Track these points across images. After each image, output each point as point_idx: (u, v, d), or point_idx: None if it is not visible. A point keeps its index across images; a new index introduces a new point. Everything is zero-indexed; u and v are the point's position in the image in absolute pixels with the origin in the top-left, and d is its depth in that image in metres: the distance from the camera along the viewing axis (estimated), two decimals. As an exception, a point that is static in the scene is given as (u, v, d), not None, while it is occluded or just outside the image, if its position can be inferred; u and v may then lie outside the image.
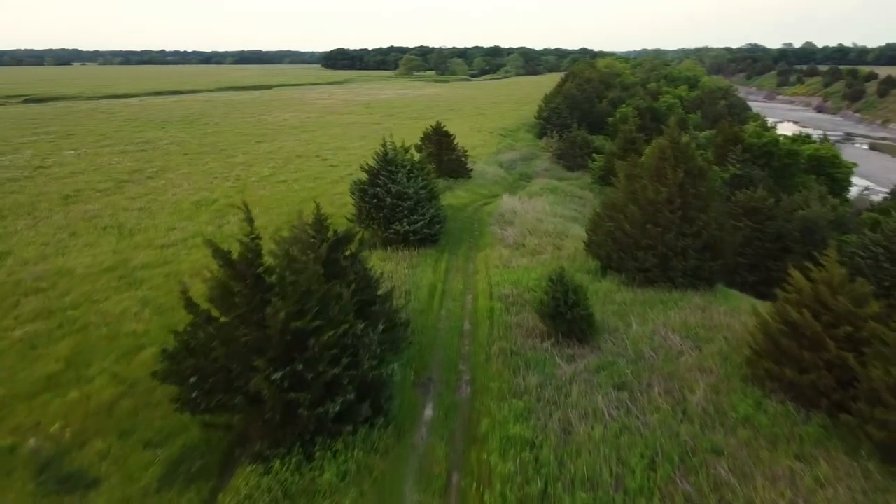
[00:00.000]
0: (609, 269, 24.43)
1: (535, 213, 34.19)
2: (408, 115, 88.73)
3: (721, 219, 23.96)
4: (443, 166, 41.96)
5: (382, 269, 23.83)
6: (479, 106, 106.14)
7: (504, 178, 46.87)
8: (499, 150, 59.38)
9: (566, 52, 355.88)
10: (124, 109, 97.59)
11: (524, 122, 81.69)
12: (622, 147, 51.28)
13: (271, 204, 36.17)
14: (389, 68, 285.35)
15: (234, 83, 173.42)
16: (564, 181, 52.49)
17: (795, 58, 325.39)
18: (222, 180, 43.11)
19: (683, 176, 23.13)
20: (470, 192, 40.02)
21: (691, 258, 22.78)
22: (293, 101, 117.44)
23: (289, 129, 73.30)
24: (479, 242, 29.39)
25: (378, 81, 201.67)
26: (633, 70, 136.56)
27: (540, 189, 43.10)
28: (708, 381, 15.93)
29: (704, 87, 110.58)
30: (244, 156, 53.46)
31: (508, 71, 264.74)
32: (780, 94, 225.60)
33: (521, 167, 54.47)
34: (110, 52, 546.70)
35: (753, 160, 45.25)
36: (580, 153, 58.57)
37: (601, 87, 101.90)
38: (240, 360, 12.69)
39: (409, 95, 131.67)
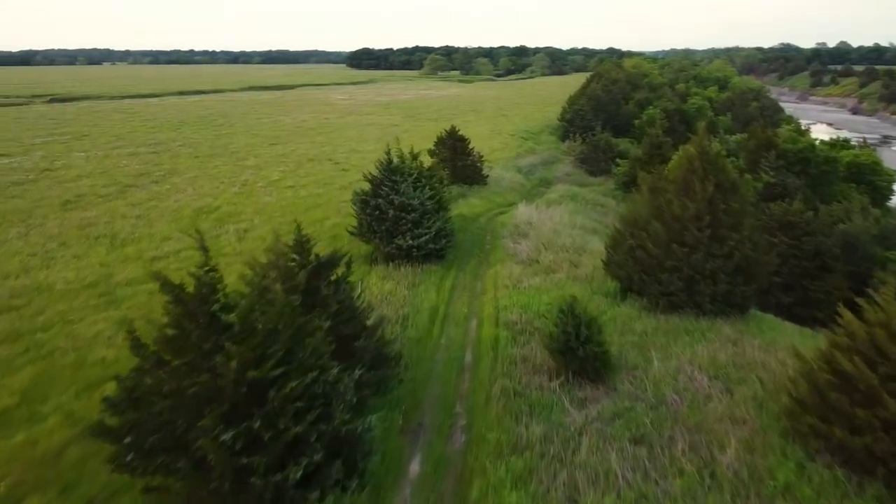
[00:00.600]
0: (629, 291, 22.24)
1: (551, 225, 32.04)
2: (427, 117, 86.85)
3: (755, 237, 21.62)
4: (457, 172, 39.98)
5: (381, 290, 21.93)
6: (501, 107, 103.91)
7: (522, 185, 44.73)
8: (519, 154, 57.21)
9: (593, 51, 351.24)
10: (144, 109, 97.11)
11: (547, 125, 79.34)
12: (648, 152, 48.86)
13: (274, 212, 34.48)
14: (414, 68, 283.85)
15: (257, 83, 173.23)
16: (586, 187, 50.22)
17: (829, 58, 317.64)
18: (229, 185, 41.58)
19: (713, 190, 20.85)
20: (484, 200, 37.96)
21: (721, 282, 20.50)
22: (314, 101, 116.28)
23: (305, 130, 71.84)
24: (490, 257, 27.34)
25: (402, 81, 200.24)
26: (661, 70, 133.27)
27: (559, 196, 40.90)
28: (741, 435, 13.72)
29: (735, 88, 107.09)
30: (255, 159, 51.97)
31: (534, 71, 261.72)
32: (813, 95, 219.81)
33: (542, 172, 52.25)
34: (140, 51, 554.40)
35: (788, 167, 42.61)
36: (603, 157, 56.19)
37: (627, 88, 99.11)
38: (186, 416, 10.82)
39: (431, 96, 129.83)
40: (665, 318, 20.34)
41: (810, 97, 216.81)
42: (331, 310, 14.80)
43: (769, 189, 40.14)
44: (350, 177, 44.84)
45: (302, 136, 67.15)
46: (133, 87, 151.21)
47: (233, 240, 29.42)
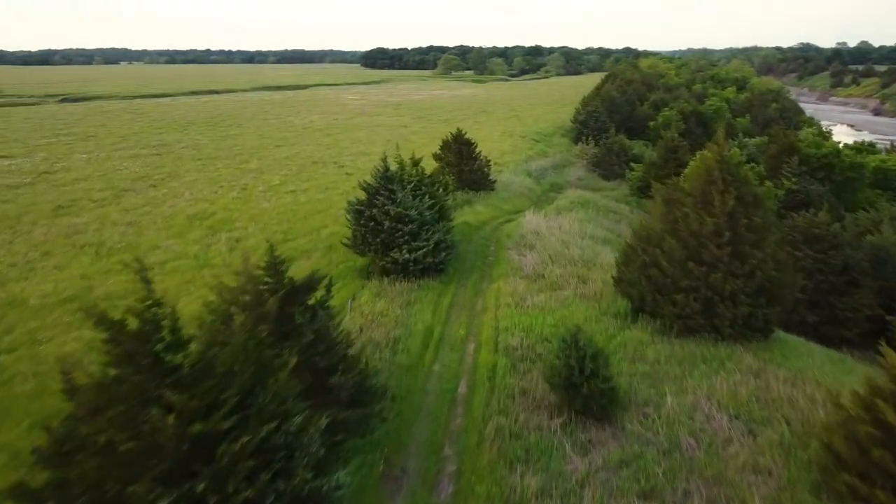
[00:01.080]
0: (641, 312, 20.52)
1: (560, 235, 30.35)
2: (438, 118, 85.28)
3: (779, 255, 19.83)
4: (463, 177, 38.37)
5: (372, 310, 20.36)
6: (514, 108, 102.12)
7: (531, 190, 43.02)
8: (529, 157, 55.48)
9: (609, 51, 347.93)
10: (154, 110, 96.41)
11: (560, 126, 77.48)
12: (663, 157, 46.98)
13: (270, 219, 33.06)
14: (429, 68, 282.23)
15: (270, 83, 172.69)
16: (599, 192, 48.42)
17: (850, 58, 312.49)
18: (228, 189, 40.26)
19: (734, 203, 19.10)
20: (491, 208, 36.30)
21: (742, 304, 18.74)
22: (325, 101, 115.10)
23: (312, 131, 70.53)
24: (493, 271, 25.69)
25: (415, 81, 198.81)
26: (677, 71, 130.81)
27: (570, 203, 39.15)
28: (766, 490, 12.04)
29: (754, 89, 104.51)
30: (258, 161, 50.66)
31: (549, 71, 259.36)
32: (833, 96, 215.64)
33: (553, 176, 50.52)
34: (157, 51, 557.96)
35: (811, 173, 40.62)
36: (617, 161, 54.34)
37: (643, 89, 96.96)
38: (118, 476, 9.32)
39: (443, 96, 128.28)
40: (680, 343, 18.62)
41: (831, 98, 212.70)
42: (305, 340, 13.27)
43: (791, 196, 38.20)
44: (354, 181, 43.25)
45: (309, 137, 65.83)
46: (146, 87, 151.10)
47: (223, 249, 28.01)
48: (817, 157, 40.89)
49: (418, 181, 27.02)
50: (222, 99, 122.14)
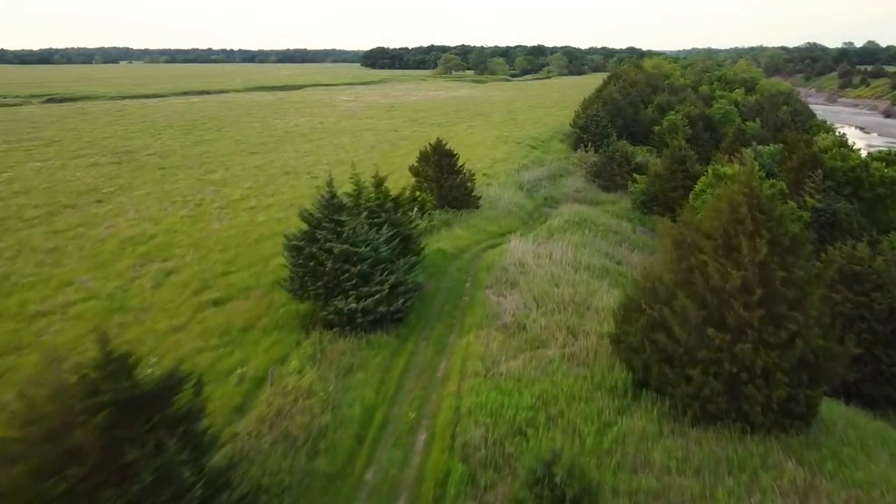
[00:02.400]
0: (646, 386, 16.02)
1: (550, 266, 25.87)
2: (431, 121, 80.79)
3: (825, 318, 15.30)
4: (443, 194, 33.89)
5: (297, 384, 15.86)
6: (512, 110, 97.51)
7: (522, 207, 38.44)
8: (523, 166, 50.93)
9: (613, 51, 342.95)
10: (136, 111, 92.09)
11: (559, 130, 72.92)
12: (669, 167, 42.45)
13: (215, 245, 28.61)
14: (430, 67, 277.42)
15: (265, 83, 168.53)
16: (598, 206, 43.91)
17: (857, 58, 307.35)
18: (180, 206, 35.86)
19: (767, 251, 14.58)
20: (472, 230, 31.74)
21: (778, 384, 14.24)
22: (316, 103, 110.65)
23: (294, 136, 66.07)
24: (465, 320, 21.17)
25: (414, 81, 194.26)
26: (683, 71, 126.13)
27: (564, 223, 34.64)
28: None
29: (763, 91, 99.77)
30: (225, 171, 46.25)
31: (551, 71, 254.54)
32: (842, 97, 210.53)
33: (548, 188, 45.98)
34: (159, 50, 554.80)
35: (837, 189, 36.05)
36: (619, 171, 49.75)
37: (647, 91, 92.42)
38: None
39: (440, 97, 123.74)
40: (697, 436, 14.13)
41: (839, 99, 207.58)
42: (138, 486, 8.83)
43: (815, 216, 33.64)
44: (324, 195, 39.01)
45: (289, 143, 61.36)
46: (138, 87, 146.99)
47: (148, 286, 23.56)
48: (843, 170, 36.34)
49: (378, 206, 22.55)
50: (212, 100, 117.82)
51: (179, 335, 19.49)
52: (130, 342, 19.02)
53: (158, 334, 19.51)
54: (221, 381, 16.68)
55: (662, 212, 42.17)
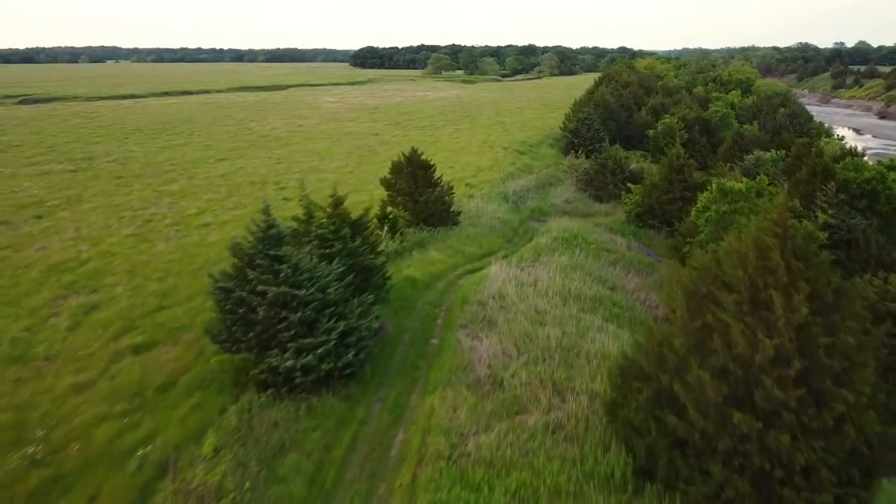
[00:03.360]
0: (650, 478, 12.67)
1: (534, 298, 22.53)
2: (415, 124, 77.30)
3: (879, 395, 11.99)
4: (417, 210, 30.45)
5: (207, 478, 12.40)
6: (500, 112, 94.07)
7: (507, 222, 34.98)
8: (510, 175, 47.55)
9: (604, 51, 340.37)
10: (109, 113, 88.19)
11: (549, 134, 69.57)
12: (667, 176, 39.16)
13: (154, 273, 25.09)
14: (420, 67, 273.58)
15: (249, 83, 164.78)
16: (590, 219, 40.64)
17: (849, 58, 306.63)
18: (127, 223, 32.31)
19: (808, 310, 11.26)
20: (449, 252, 28.26)
21: (823, 484, 10.92)
22: (299, 104, 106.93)
23: (269, 140, 62.44)
24: (431, 372, 17.75)
25: (403, 81, 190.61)
26: (676, 72, 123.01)
27: (553, 241, 31.29)
28: None
29: (760, 92, 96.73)
30: (186, 181, 42.66)
31: (542, 71, 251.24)
32: (835, 98, 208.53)
33: (535, 199, 42.60)
34: (147, 49, 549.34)
35: (851, 203, 32.86)
36: (612, 180, 46.44)
37: (640, 92, 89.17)
38: None
39: (427, 98, 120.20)
40: (718, 555, 10.77)
41: (833, 100, 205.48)
42: None
43: (829, 234, 30.41)
44: (290, 208, 35.50)
45: (262, 148, 57.77)
46: (117, 87, 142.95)
47: (63, 326, 20.04)
48: (857, 182, 33.18)
49: (332, 233, 19.14)
50: (191, 101, 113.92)
51: (82, 397, 16.01)
52: (20, 406, 15.57)
53: (57, 396, 16.02)
54: (117, 467, 13.25)
55: (659, 225, 38.94)
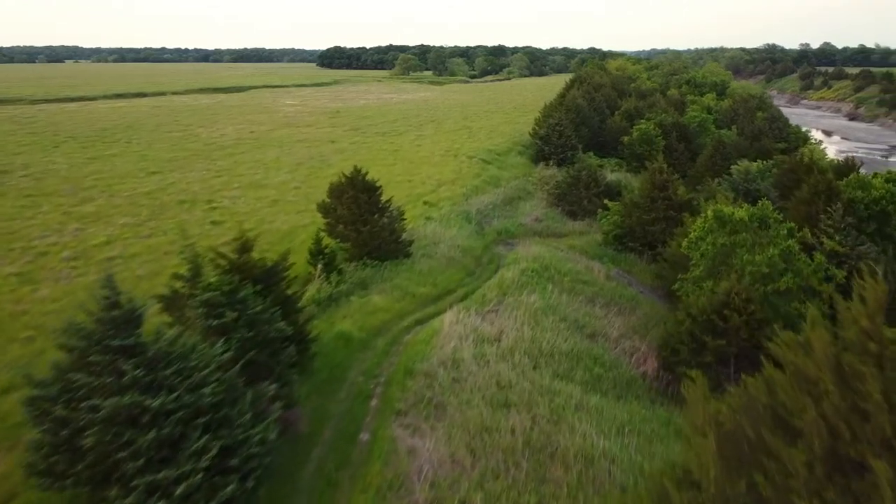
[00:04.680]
0: None
1: (496, 362, 17.95)
2: (376, 129, 72.36)
3: None
4: (360, 241, 25.64)
5: None
6: (467, 116, 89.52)
7: (468, 251, 30.31)
8: (475, 189, 43.00)
9: (574, 51, 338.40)
10: (49, 118, 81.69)
11: (518, 141, 65.17)
12: (648, 194, 34.89)
13: (23, 329, 20.00)
14: (388, 68, 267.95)
15: (209, 84, 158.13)
16: (564, 240, 36.31)
17: (815, 59, 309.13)
18: (17, 256, 27.07)
19: None
20: (396, 295, 23.47)
21: None
22: (257, 107, 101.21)
23: (214, 149, 57.06)
24: (352, 495, 12.96)
25: (369, 83, 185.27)
26: (649, 74, 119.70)
27: (521, 274, 26.78)
28: None
29: (735, 95, 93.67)
30: (106, 200, 37.32)
31: (512, 72, 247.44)
32: (804, 99, 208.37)
33: (502, 218, 38.10)
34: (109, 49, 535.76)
35: (858, 226, 28.87)
36: (586, 194, 42.11)
37: (613, 95, 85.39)
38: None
39: (392, 101, 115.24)
40: None
41: (802, 101, 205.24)
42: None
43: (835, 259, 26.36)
44: (218, 236, 30.52)
45: (204, 158, 52.41)
46: (68, 89, 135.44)
47: None
48: (865, 202, 29.29)
49: (226, 295, 14.32)
50: (143, 104, 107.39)
51: None
52: None
53: None
54: None
55: (641, 249, 34.69)
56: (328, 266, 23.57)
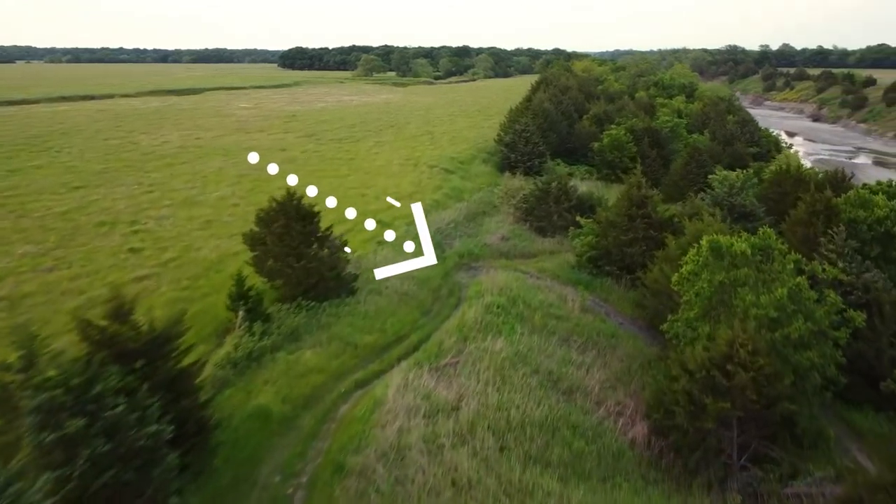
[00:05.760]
0: None
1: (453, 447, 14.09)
2: (333, 135, 68.03)
3: None
4: (294, 279, 21.57)
5: None
6: (430, 120, 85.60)
7: (425, 281, 26.39)
8: (434, 205, 39.14)
9: (539, 52, 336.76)
10: (-24, 124, 75.50)
11: (482, 147, 61.50)
12: (626, 212, 31.38)
13: None
14: (351, 69, 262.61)
15: (163, 86, 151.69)
16: (533, 262, 32.79)
17: (776, 60, 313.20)
18: None
19: None
20: (333, 350, 19.37)
21: None
22: (208, 111, 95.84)
23: (151, 159, 52.21)
24: None
25: (330, 84, 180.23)
26: (616, 75, 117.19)
27: (486, 311, 23.04)
28: None
29: (704, 97, 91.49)
30: (11, 223, 32.56)
31: (477, 73, 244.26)
32: (767, 100, 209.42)
33: (465, 238, 34.34)
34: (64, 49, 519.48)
35: (860, 250, 25.72)
36: (556, 208, 38.57)
37: (580, 98, 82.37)
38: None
39: (351, 103, 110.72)
40: None
41: (765, 102, 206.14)
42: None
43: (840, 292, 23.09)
44: (133, 268, 26.17)
45: (138, 170, 47.59)
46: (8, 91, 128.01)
47: None
48: (868, 223, 26.21)
49: (72, 390, 10.26)
50: (87, 108, 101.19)
51: None
52: None
53: None
54: None
55: (618, 272, 31.19)
56: (252, 312, 19.49)
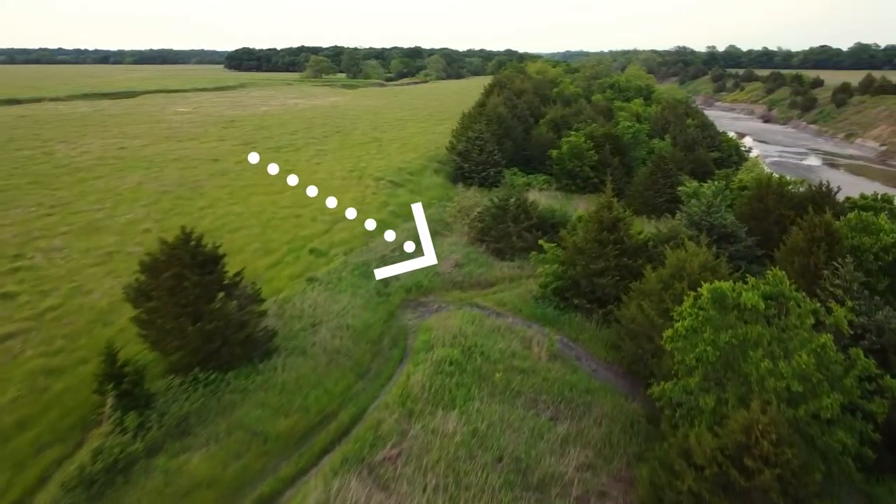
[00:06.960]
0: None
1: None
2: (271, 143, 62.78)
3: None
4: (189, 346, 16.88)
5: None
6: (378, 125, 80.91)
7: (362, 332, 21.89)
8: (381, 223, 34.67)
9: (491, 53, 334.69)
10: None
11: (434, 156, 57.19)
12: (595, 237, 27.40)
13: None
14: (300, 70, 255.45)
15: (97, 89, 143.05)
16: (491, 292, 28.63)
17: (723, 61, 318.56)
18: None
19: None
20: (230, 450, 14.64)
21: None
22: (141, 116, 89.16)
23: (63, 174, 46.35)
24: None
25: (277, 86, 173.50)
26: (571, 77, 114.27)
27: (436, 370, 18.76)
28: None
29: (661, 100, 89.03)
30: None
31: (429, 74, 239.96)
32: (718, 101, 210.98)
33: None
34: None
35: (868, 282, 22.29)
36: (516, 228, 34.50)
37: (536, 102, 78.75)
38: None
39: (297, 107, 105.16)
40: None
41: (716, 103, 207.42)
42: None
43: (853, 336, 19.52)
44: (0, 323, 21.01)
45: (43, 186, 41.80)
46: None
47: None
48: (874, 251, 22.87)
49: None
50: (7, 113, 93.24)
51: None
52: None
53: None
54: None
55: (588, 307, 27.23)
56: (127, 397, 14.77)
